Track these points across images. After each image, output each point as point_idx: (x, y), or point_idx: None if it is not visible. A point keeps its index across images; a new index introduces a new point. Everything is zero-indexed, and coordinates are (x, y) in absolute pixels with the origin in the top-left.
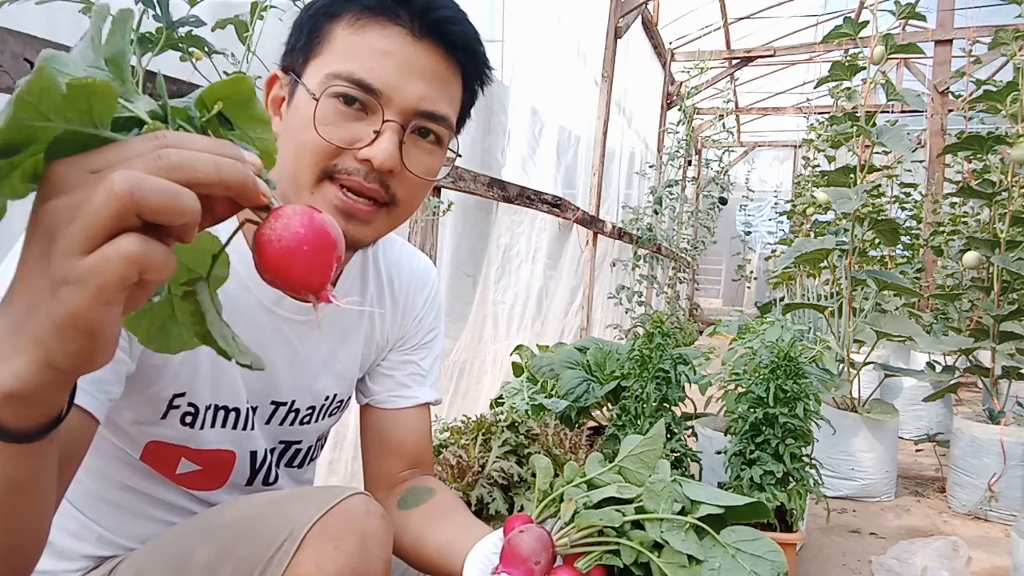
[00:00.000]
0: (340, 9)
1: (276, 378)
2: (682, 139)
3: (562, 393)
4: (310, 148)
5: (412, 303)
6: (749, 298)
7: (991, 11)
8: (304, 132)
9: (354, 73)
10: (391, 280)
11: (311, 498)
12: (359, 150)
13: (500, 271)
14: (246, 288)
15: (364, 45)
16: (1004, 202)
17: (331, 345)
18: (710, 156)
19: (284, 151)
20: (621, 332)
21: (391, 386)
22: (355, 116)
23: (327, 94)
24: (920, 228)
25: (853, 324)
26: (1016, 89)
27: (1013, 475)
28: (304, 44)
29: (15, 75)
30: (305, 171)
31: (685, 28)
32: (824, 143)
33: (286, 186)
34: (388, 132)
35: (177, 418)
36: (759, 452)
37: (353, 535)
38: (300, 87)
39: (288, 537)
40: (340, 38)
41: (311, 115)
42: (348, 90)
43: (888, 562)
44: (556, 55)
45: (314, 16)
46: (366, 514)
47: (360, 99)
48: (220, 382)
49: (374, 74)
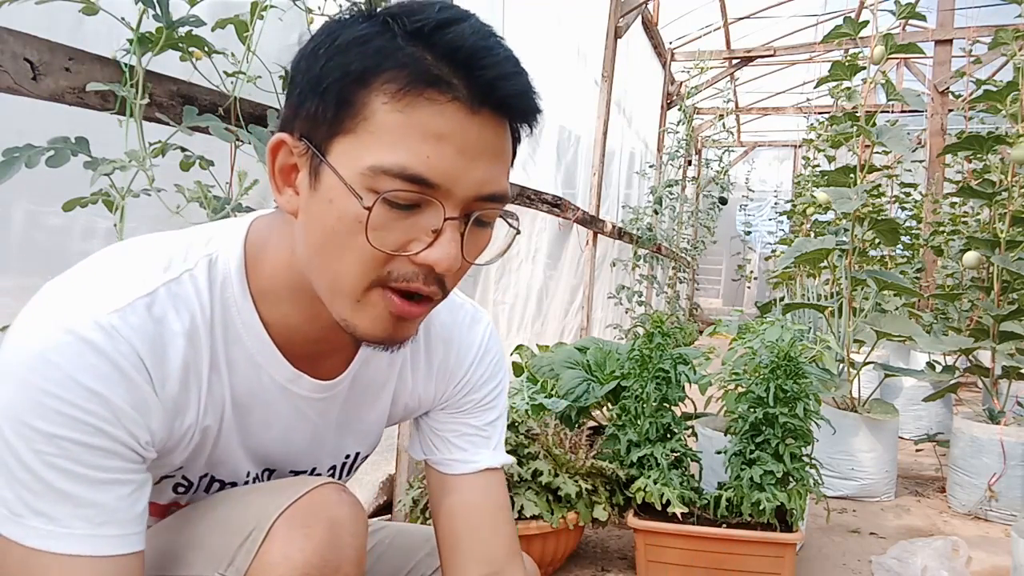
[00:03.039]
0: (374, 75)
1: (295, 452)
2: (682, 139)
3: (562, 393)
4: (359, 257)
5: (455, 372)
6: (749, 298)
7: (991, 11)
8: (348, 236)
9: (407, 167)
10: (428, 345)
11: (281, 488)
12: (416, 254)
13: (500, 271)
14: (257, 367)
15: (414, 128)
16: (1004, 202)
17: (355, 411)
18: (710, 156)
19: (312, 243)
20: (621, 332)
21: (454, 449)
22: (407, 215)
23: (379, 202)
24: (920, 228)
25: (853, 324)
26: (1016, 89)
27: (1013, 475)
28: (332, 115)
29: (15, 75)
30: (353, 281)
31: (685, 28)
32: (824, 143)
33: (321, 286)
34: (449, 231)
35: (170, 486)
36: (759, 452)
37: (322, 523)
38: (330, 172)
39: (256, 526)
40: (381, 116)
41: (355, 217)
42: (404, 191)
43: (888, 562)
44: (556, 55)
45: (342, 81)
46: (337, 502)
47: (416, 200)
48: (220, 462)
49: (430, 165)
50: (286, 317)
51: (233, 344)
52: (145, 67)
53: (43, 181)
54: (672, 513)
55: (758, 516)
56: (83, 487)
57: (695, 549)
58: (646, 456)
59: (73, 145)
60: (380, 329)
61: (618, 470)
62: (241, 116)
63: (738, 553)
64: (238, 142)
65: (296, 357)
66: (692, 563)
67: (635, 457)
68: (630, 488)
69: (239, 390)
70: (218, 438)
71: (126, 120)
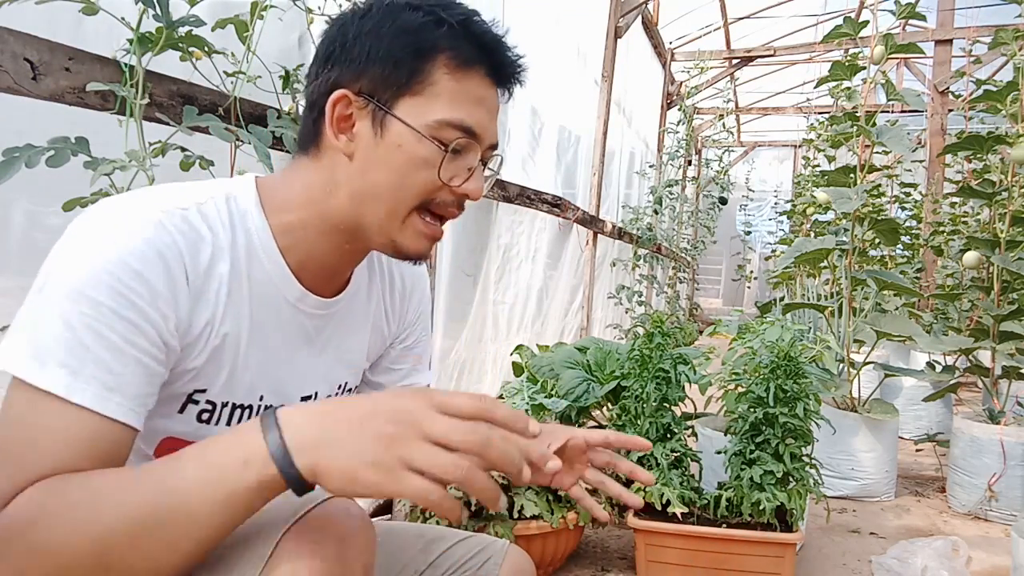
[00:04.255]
0: (437, 51)
1: (299, 370)
2: (682, 139)
3: (562, 393)
4: (420, 187)
5: (411, 299)
6: (749, 298)
7: (991, 11)
8: (416, 171)
9: (463, 121)
10: (391, 277)
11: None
12: (459, 186)
13: (500, 271)
14: (275, 286)
15: (466, 93)
16: (1004, 202)
17: (343, 335)
18: (710, 156)
19: (373, 179)
20: (621, 332)
21: (396, 379)
22: (455, 157)
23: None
24: (920, 228)
25: (853, 324)
26: (1016, 89)
27: (1013, 475)
28: (398, 77)
29: (15, 75)
30: (406, 204)
31: (685, 28)
32: (824, 143)
33: (378, 212)
34: (479, 169)
35: (194, 414)
36: (759, 452)
37: (331, 539)
38: (398, 123)
39: (262, 541)
40: (443, 83)
41: (424, 158)
42: (463, 139)
43: (888, 562)
44: (556, 55)
45: (410, 51)
46: (346, 517)
47: (465, 146)
48: (235, 380)
49: (476, 120)
50: (299, 244)
51: (254, 262)
52: (145, 67)
53: (43, 181)
54: (672, 513)
55: (758, 516)
56: (110, 353)
57: (695, 549)
58: (646, 456)
59: (73, 145)
60: (421, 244)
61: None
62: (241, 116)
63: (738, 553)
64: (238, 142)
65: (303, 280)
66: (692, 563)
67: (635, 457)
68: (630, 488)
69: (256, 304)
70: (236, 350)
71: (126, 120)
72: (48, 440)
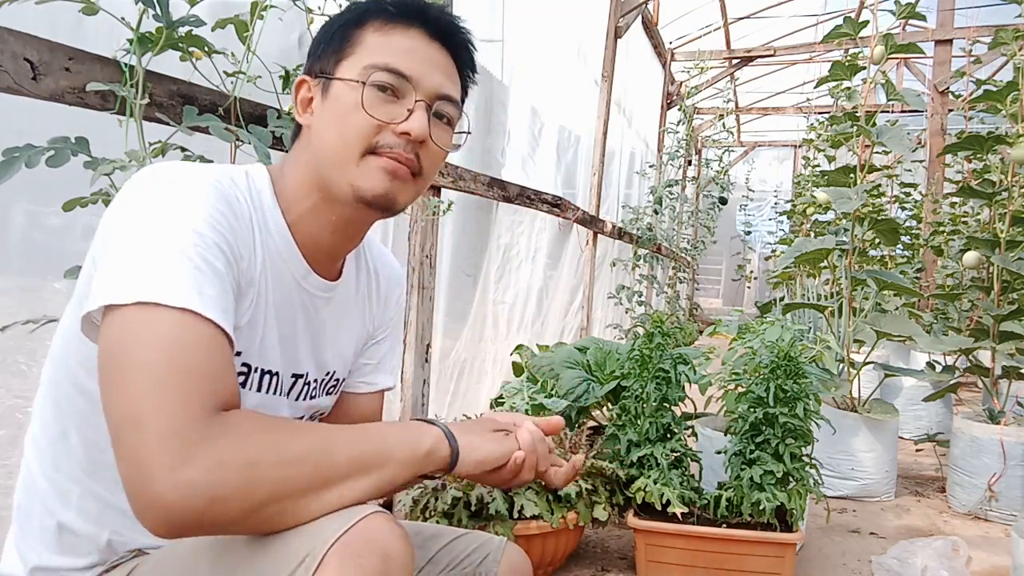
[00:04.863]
0: (367, 19)
1: (297, 348)
2: (682, 139)
3: (562, 393)
4: (356, 127)
5: (389, 298)
6: (749, 298)
7: (991, 11)
8: (350, 115)
9: (389, 63)
10: (376, 275)
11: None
12: (398, 125)
13: (500, 271)
14: (284, 261)
15: (392, 43)
16: (1004, 202)
17: (337, 323)
18: (710, 156)
19: (325, 136)
20: (621, 332)
21: (364, 373)
22: (389, 100)
23: (370, 82)
24: (920, 228)
25: (853, 324)
26: (1016, 89)
27: (1013, 475)
28: (336, 48)
29: (15, 75)
30: (352, 148)
31: (685, 28)
32: (824, 143)
33: (329, 166)
34: (419, 110)
35: None
36: (759, 452)
37: (376, 554)
38: (336, 82)
39: (309, 554)
40: (370, 39)
41: (355, 101)
42: (386, 77)
43: (888, 562)
44: (556, 55)
45: (344, 26)
46: (389, 532)
47: (394, 85)
48: (265, 346)
49: (404, 64)
50: (302, 220)
51: (268, 237)
52: (145, 67)
53: (43, 181)
54: (672, 513)
55: (758, 516)
56: (206, 272)
57: (695, 549)
58: (646, 456)
59: (73, 145)
60: (379, 183)
61: (618, 470)
62: (241, 116)
63: (738, 553)
64: (238, 142)
65: (308, 259)
66: (692, 563)
67: (635, 457)
68: (630, 488)
69: (272, 276)
70: (265, 317)
71: (126, 120)
72: (205, 355)
